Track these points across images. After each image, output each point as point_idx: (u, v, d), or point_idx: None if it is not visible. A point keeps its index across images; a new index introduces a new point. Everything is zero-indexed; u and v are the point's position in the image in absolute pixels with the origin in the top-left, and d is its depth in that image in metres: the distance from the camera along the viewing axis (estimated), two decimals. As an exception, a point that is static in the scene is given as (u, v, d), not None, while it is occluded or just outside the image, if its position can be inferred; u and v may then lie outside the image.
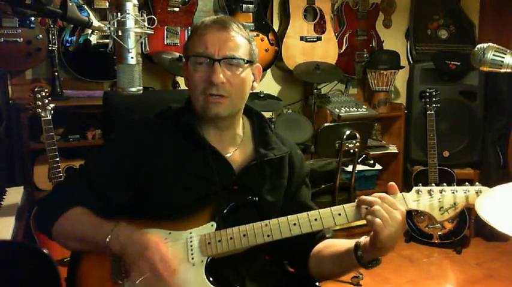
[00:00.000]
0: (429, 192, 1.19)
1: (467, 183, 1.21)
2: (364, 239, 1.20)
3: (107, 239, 1.16)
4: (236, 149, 1.35)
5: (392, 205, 1.14)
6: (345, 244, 1.26)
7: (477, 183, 1.20)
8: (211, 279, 1.20)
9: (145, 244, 1.13)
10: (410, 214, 3.47)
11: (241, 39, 1.27)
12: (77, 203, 1.26)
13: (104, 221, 1.21)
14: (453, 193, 1.18)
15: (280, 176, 1.37)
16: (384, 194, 1.16)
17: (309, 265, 1.34)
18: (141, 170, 1.27)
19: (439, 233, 3.51)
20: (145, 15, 1.30)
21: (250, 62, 1.29)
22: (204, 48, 1.24)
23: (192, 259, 1.21)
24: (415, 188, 1.20)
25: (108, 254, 1.20)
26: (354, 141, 2.79)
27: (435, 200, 1.18)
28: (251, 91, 1.34)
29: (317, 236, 1.34)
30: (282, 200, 1.37)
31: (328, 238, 1.35)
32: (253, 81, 1.34)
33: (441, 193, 1.18)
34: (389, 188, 1.20)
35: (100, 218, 1.23)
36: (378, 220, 1.11)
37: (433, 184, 1.21)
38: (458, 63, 3.66)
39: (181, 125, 1.31)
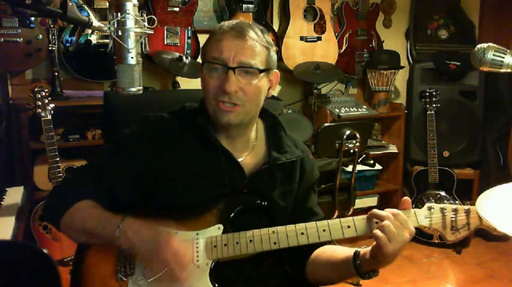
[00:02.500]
0: (441, 210, 1.16)
1: None
2: (363, 249, 1.19)
3: (116, 234, 1.16)
4: (249, 153, 1.35)
5: (404, 223, 1.12)
6: (343, 251, 1.25)
7: None
8: (216, 285, 1.19)
9: (156, 241, 1.13)
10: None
11: (258, 47, 1.25)
12: (86, 196, 1.25)
13: (111, 215, 1.21)
14: (466, 212, 1.14)
15: (291, 181, 1.36)
16: (398, 211, 1.14)
17: (306, 270, 1.34)
18: (152, 167, 1.26)
19: (439, 233, 3.50)
20: (145, 15, 1.30)
21: (266, 70, 1.27)
22: (219, 53, 1.23)
23: (197, 261, 1.20)
24: (427, 204, 1.18)
25: (117, 249, 1.20)
26: (354, 142, 2.79)
27: (447, 219, 1.15)
28: (266, 97, 1.32)
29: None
30: (292, 205, 1.36)
31: (326, 243, 1.34)
32: (269, 88, 1.32)
33: (454, 211, 1.15)
34: (403, 202, 1.18)
35: (108, 212, 1.23)
36: (384, 235, 1.10)
37: (445, 201, 1.19)
38: (458, 63, 3.66)
39: (194, 125, 1.31)
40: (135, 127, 1.36)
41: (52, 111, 2.50)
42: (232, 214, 1.24)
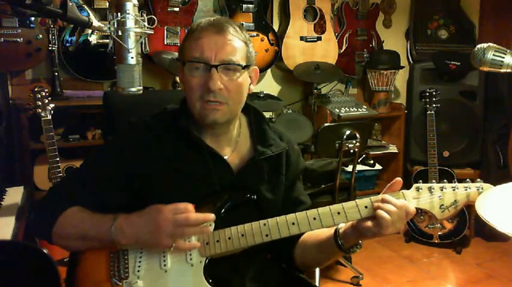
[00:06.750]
0: (429, 189, 1.17)
1: (468, 179, 1.19)
2: (343, 227, 1.22)
3: (112, 232, 1.16)
4: (234, 149, 1.35)
5: (408, 216, 1.15)
6: (325, 232, 1.27)
7: (478, 179, 1.18)
8: (210, 281, 1.20)
9: (151, 219, 1.14)
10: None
11: (238, 43, 1.25)
12: (72, 203, 1.25)
13: (102, 215, 1.21)
14: (454, 190, 1.16)
15: (278, 173, 1.36)
16: (406, 204, 1.16)
17: (294, 255, 1.35)
18: (139, 171, 1.26)
19: (439, 233, 3.51)
20: (145, 15, 1.30)
21: (247, 66, 1.27)
22: (200, 52, 1.22)
23: (191, 259, 1.21)
24: (415, 185, 1.19)
25: (116, 247, 1.20)
26: (354, 142, 2.79)
27: (435, 197, 1.17)
28: (248, 93, 1.33)
29: None
30: (281, 197, 1.36)
31: None
32: (250, 84, 1.32)
33: (442, 190, 1.17)
34: (393, 184, 1.19)
35: (98, 213, 1.22)
36: (390, 219, 1.12)
37: (434, 181, 1.20)
38: (458, 63, 3.66)
39: (178, 127, 1.31)
40: (120, 133, 1.37)
41: (52, 111, 2.50)
42: (223, 210, 1.24)
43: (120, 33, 1.25)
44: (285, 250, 1.36)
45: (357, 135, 2.80)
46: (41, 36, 2.78)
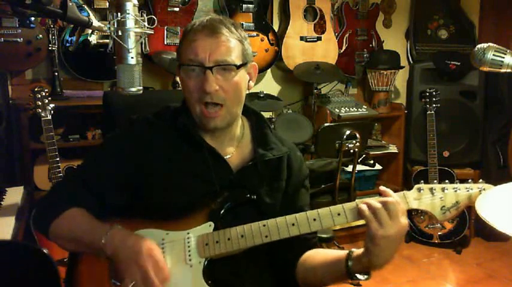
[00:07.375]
0: (431, 190, 1.15)
1: (470, 180, 1.17)
2: (357, 250, 1.19)
3: (102, 242, 1.16)
4: (235, 149, 1.35)
5: (400, 212, 1.11)
6: (336, 253, 1.25)
7: (480, 180, 1.16)
8: (209, 282, 1.19)
9: (139, 249, 1.12)
10: (410, 214, 3.47)
11: (232, 42, 1.25)
12: (74, 203, 1.25)
13: (100, 223, 1.21)
14: (455, 191, 1.14)
15: (278, 178, 1.36)
16: (398, 201, 1.13)
17: (296, 271, 1.33)
18: (140, 170, 1.26)
19: (439, 233, 3.51)
20: (145, 15, 1.30)
21: (243, 64, 1.27)
22: (194, 55, 1.23)
23: (190, 260, 1.20)
24: (416, 186, 1.17)
25: (102, 257, 1.19)
26: (354, 141, 2.79)
27: (437, 199, 1.15)
28: (248, 91, 1.33)
29: (310, 243, 1.34)
30: (280, 202, 1.35)
31: (319, 246, 1.35)
32: (248, 81, 1.32)
33: (443, 191, 1.15)
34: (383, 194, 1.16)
35: (96, 220, 1.23)
36: (374, 218, 1.10)
37: (435, 181, 1.19)
38: (458, 63, 3.66)
39: (179, 125, 1.31)
40: (120, 130, 1.36)
41: (52, 111, 2.50)
42: (222, 211, 1.24)
43: (120, 33, 1.24)
44: (288, 266, 1.34)
45: (357, 135, 2.80)
46: (41, 36, 2.78)
